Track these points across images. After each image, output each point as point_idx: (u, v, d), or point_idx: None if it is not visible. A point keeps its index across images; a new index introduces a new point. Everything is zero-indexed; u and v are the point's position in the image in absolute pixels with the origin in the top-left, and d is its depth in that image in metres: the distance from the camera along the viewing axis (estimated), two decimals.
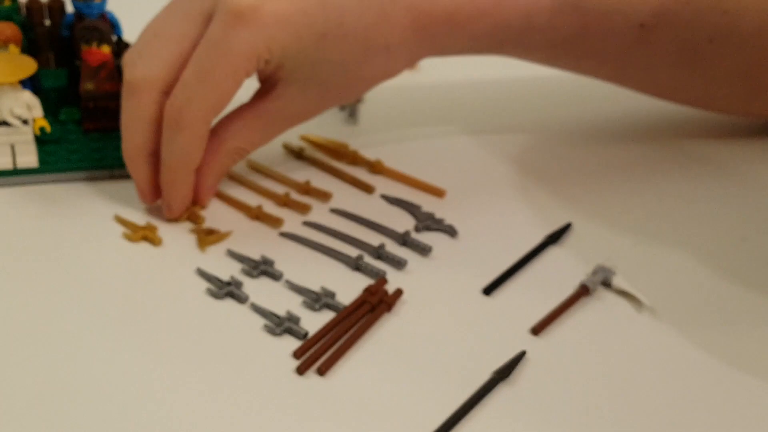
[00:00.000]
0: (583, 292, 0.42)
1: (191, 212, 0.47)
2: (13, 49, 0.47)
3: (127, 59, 0.44)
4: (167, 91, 0.43)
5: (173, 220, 0.46)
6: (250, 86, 0.46)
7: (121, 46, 0.52)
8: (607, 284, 0.43)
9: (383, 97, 0.60)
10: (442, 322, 0.41)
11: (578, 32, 0.49)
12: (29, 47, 0.51)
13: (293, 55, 0.44)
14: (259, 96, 0.47)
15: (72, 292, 0.42)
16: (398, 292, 0.42)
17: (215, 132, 0.46)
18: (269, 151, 0.53)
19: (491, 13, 0.47)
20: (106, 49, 0.49)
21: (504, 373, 0.37)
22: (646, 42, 0.49)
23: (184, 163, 0.44)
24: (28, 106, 0.46)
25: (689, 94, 0.54)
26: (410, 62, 0.48)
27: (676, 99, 0.55)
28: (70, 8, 0.52)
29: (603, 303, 0.42)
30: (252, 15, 0.42)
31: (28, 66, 0.46)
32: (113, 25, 0.51)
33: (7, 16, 0.49)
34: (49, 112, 0.50)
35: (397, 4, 0.45)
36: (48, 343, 0.39)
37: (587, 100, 0.61)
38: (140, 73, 0.43)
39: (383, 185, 0.51)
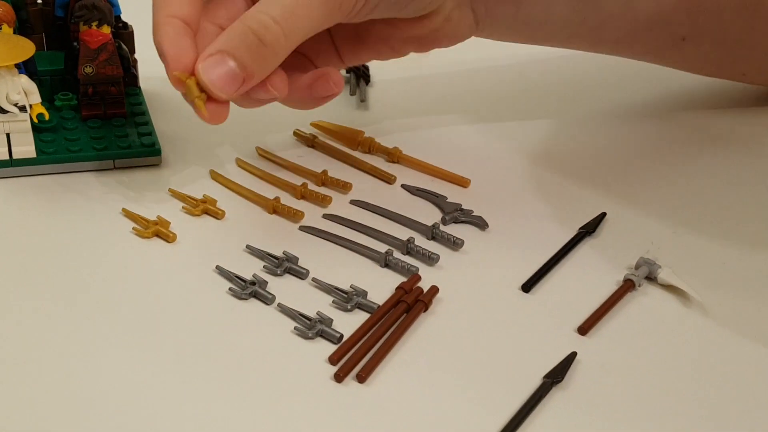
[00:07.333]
0: (628, 287, 0.40)
1: (207, 208, 0.43)
2: (6, 30, 0.44)
3: None
4: None
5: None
6: None
7: (120, 27, 0.49)
8: (651, 278, 0.41)
9: (392, 82, 0.58)
10: (482, 322, 0.39)
11: None
12: (20, 28, 0.47)
13: None
14: None
15: (80, 294, 0.38)
16: (434, 290, 0.39)
17: None
18: (279, 139, 0.50)
19: None
20: (106, 30, 0.46)
21: (557, 376, 0.35)
22: None
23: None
24: (25, 91, 0.43)
25: None
26: None
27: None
28: None
29: (649, 298, 0.40)
30: None
31: (26, 48, 0.42)
32: (112, 5, 0.47)
33: None
34: (44, 98, 0.46)
35: None
36: (56, 349, 0.35)
37: (600, 83, 0.59)
38: None
39: (403, 174, 0.48)
